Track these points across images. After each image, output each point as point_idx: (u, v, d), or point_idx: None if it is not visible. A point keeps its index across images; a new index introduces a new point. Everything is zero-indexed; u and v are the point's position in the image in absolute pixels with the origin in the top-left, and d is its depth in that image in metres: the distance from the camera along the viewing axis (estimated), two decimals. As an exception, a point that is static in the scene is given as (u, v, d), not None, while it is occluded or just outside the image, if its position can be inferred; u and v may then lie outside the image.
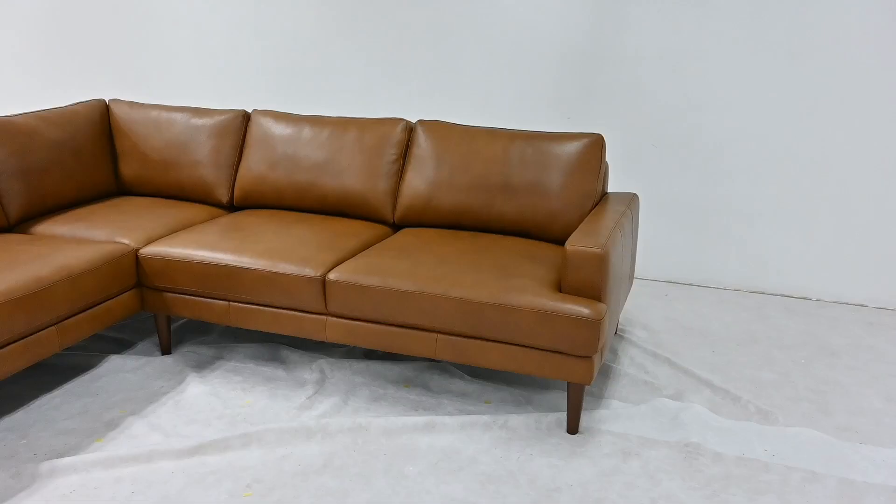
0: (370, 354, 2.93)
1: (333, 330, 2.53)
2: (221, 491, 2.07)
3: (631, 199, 2.87)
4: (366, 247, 2.79)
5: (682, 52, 3.49)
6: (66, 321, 2.46)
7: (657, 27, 3.49)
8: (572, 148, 2.81)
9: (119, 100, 3.45)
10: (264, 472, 2.16)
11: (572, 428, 2.39)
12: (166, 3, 4.20)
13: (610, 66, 3.61)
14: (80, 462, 2.16)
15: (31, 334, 2.34)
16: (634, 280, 3.84)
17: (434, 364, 2.85)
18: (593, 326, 2.21)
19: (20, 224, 2.94)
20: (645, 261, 3.86)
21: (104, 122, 3.36)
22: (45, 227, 2.90)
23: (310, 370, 2.78)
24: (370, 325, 2.48)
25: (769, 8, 3.33)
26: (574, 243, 2.27)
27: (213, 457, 2.23)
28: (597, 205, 2.79)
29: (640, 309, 3.47)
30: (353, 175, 3.03)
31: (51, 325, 2.41)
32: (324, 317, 2.54)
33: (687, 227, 3.75)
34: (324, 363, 2.82)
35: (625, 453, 2.29)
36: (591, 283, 2.26)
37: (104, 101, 3.44)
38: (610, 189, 3.79)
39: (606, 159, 3.63)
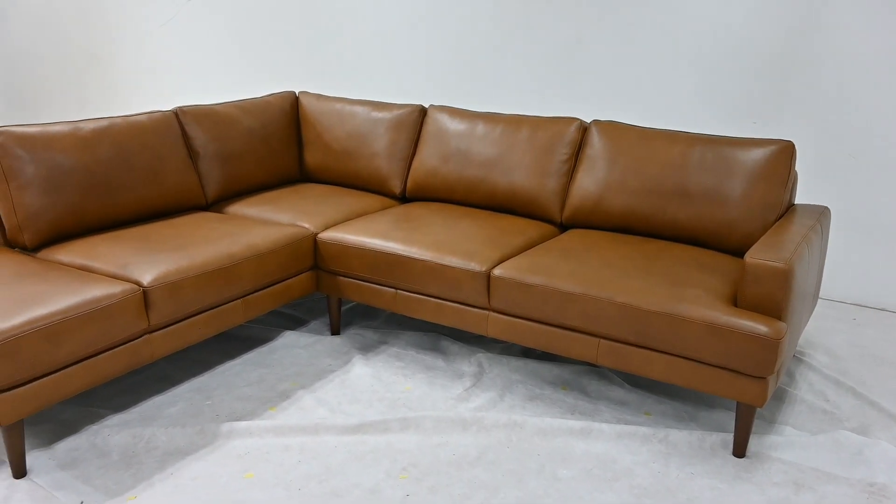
0: (528, 353, 2.92)
1: (494, 325, 2.55)
2: (379, 470, 2.15)
3: (821, 213, 2.66)
4: (532, 245, 2.78)
5: (889, 57, 3.17)
6: (250, 296, 2.66)
7: (860, 28, 3.19)
8: (758, 155, 2.64)
9: (308, 92, 3.67)
10: (420, 458, 2.22)
11: (739, 451, 2.25)
12: (354, 2, 4.41)
13: (804, 69, 3.35)
14: (255, 427, 2.33)
15: (220, 305, 2.55)
16: (819, 300, 3.55)
17: (592, 369, 2.79)
18: (771, 346, 2.06)
19: (215, 203, 3.21)
20: (832, 280, 3.56)
21: (293, 112, 3.59)
22: (237, 208, 3.14)
23: (468, 363, 2.82)
24: (531, 323, 2.47)
25: None
26: (755, 255, 2.14)
27: (373, 436, 2.32)
28: (782, 216, 2.60)
29: (823, 332, 3.20)
30: (523, 173, 3.03)
31: (237, 298, 2.61)
32: (486, 311, 2.57)
33: (883, 246, 3.41)
34: (482, 357, 2.85)
35: (797, 485, 2.12)
36: (772, 299, 2.11)
37: (294, 92, 3.67)
38: (798, 200, 3.53)
39: (796, 169, 3.38)
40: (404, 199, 3.42)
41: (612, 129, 2.93)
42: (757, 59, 3.43)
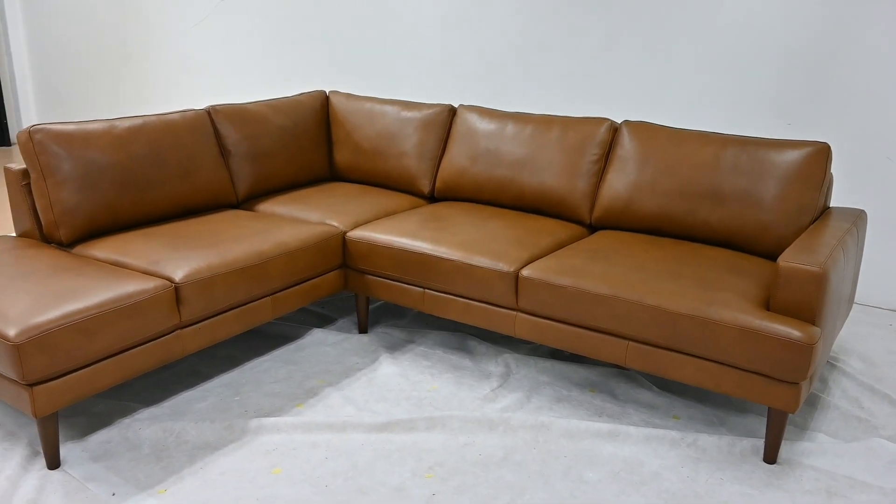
0: (556, 354, 2.91)
1: (522, 326, 2.54)
2: (405, 469, 2.16)
3: (857, 216, 2.61)
4: (560, 246, 2.77)
5: (933, 55, 3.10)
6: (279, 293, 2.68)
7: (904, 26, 3.13)
8: (792, 157, 2.60)
9: (338, 91, 3.69)
10: (446, 457, 2.22)
11: (770, 457, 2.21)
12: (384, 3, 4.42)
13: (840, 70, 3.29)
14: (282, 423, 2.35)
15: (249, 302, 2.57)
16: (854, 305, 3.49)
17: (620, 371, 2.76)
18: (804, 351, 2.03)
19: (246, 201, 3.25)
20: (868, 285, 3.49)
21: (324, 111, 3.61)
22: (267, 206, 3.17)
23: (495, 363, 2.81)
24: (560, 324, 2.45)
25: None
26: (788, 259, 2.10)
27: (400, 435, 2.33)
28: (816, 220, 2.56)
29: (858, 338, 3.14)
30: (552, 173, 3.02)
31: (266, 296, 2.63)
32: (514, 312, 2.56)
33: (922, 251, 3.33)
34: (509, 358, 2.84)
35: (829, 493, 2.08)
36: (805, 303, 2.08)
37: (324, 92, 3.69)
38: (833, 203, 3.47)
39: (831, 171, 3.32)
40: (433, 198, 3.43)
41: (643, 130, 2.90)
42: (791, 59, 3.38)
